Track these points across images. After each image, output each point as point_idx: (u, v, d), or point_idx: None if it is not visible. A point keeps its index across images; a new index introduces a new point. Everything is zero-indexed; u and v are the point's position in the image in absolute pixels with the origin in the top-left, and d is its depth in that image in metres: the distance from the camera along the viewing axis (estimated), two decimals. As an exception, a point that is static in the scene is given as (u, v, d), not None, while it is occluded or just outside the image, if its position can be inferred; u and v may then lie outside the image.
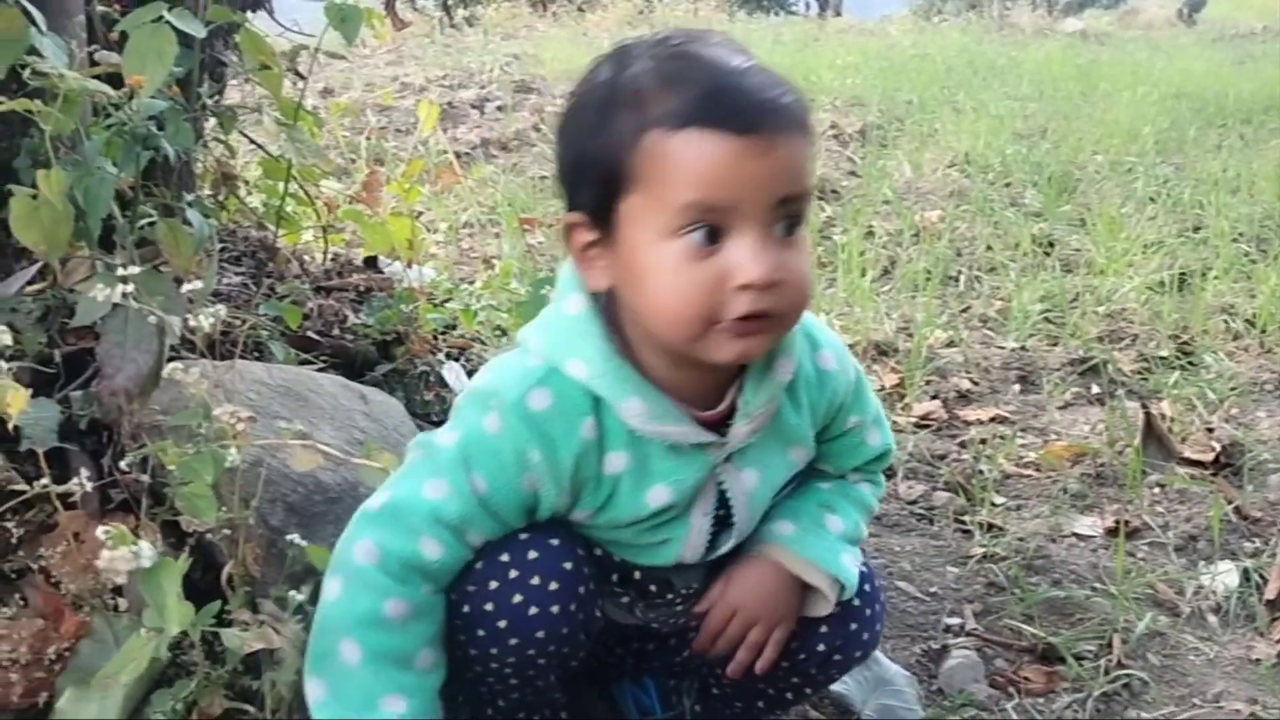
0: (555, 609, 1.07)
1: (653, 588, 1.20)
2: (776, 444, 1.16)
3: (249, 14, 1.92)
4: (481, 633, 1.08)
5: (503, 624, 1.07)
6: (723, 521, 1.16)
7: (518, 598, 1.07)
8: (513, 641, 1.08)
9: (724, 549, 1.18)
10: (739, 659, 1.20)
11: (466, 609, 1.08)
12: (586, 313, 1.08)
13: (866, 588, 1.23)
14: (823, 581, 1.17)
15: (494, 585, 1.07)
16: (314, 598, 1.13)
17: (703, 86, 0.97)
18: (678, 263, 0.98)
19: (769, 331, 1.02)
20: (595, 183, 1.02)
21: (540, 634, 1.08)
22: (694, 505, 1.13)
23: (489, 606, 1.07)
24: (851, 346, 2.19)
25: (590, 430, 1.06)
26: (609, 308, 1.09)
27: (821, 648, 1.22)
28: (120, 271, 1.13)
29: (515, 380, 1.07)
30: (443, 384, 1.93)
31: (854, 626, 1.23)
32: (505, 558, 1.08)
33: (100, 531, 1.07)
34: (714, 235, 0.98)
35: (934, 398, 2.46)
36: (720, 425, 1.11)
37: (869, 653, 1.29)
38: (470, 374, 2.02)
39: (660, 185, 0.98)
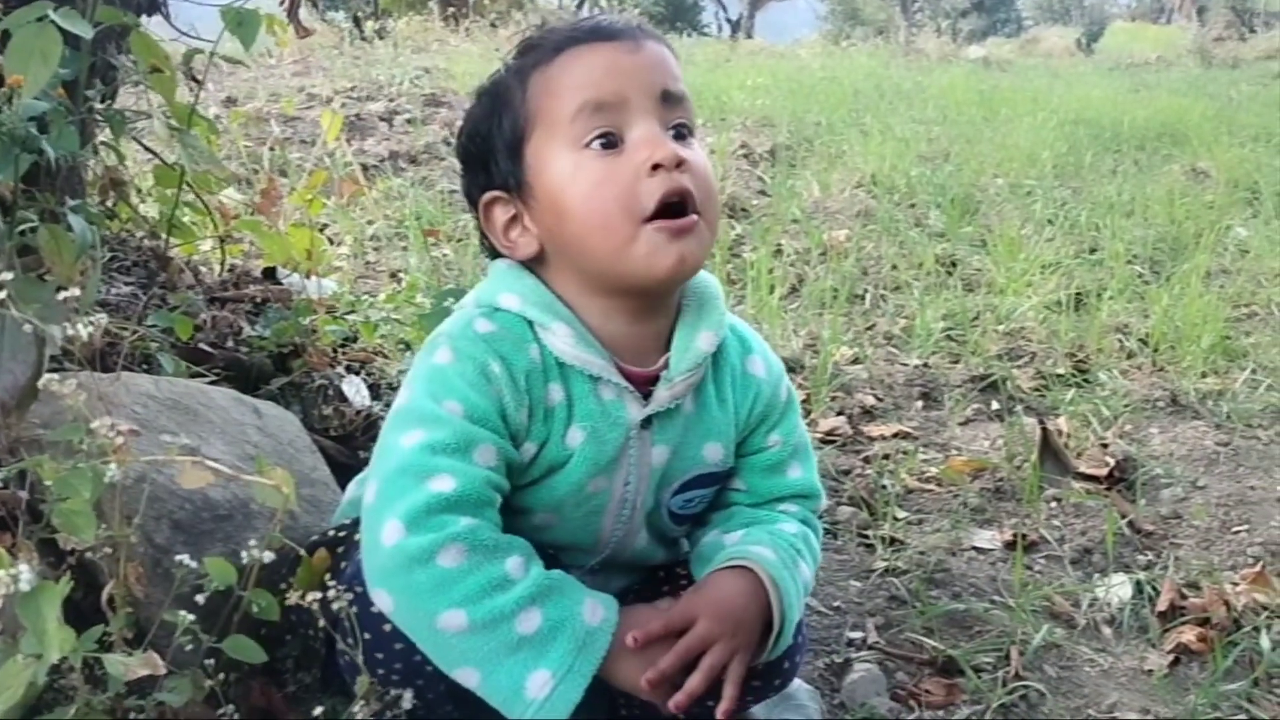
0: None
1: None
2: (695, 431, 1.18)
3: (144, 18, 1.86)
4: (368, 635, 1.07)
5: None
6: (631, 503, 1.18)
7: None
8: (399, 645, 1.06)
9: (634, 537, 1.20)
10: (690, 687, 1.07)
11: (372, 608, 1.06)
12: (519, 265, 1.14)
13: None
14: (775, 624, 1.12)
15: None
16: (207, 625, 1.09)
17: (573, 26, 1.11)
18: (588, 170, 1.05)
19: (694, 231, 1.06)
20: (502, 146, 1.11)
21: None
22: (614, 473, 1.15)
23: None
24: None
25: (536, 355, 1.10)
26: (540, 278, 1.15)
27: None
28: (-7, 278, 1.07)
29: (456, 319, 1.13)
30: (342, 398, 1.88)
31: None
32: None
33: (-25, 554, 1.02)
34: (613, 141, 1.06)
35: (839, 414, 2.48)
36: (645, 391, 1.14)
37: (788, 682, 1.29)
38: (371, 388, 1.98)
39: (552, 107, 1.07)
